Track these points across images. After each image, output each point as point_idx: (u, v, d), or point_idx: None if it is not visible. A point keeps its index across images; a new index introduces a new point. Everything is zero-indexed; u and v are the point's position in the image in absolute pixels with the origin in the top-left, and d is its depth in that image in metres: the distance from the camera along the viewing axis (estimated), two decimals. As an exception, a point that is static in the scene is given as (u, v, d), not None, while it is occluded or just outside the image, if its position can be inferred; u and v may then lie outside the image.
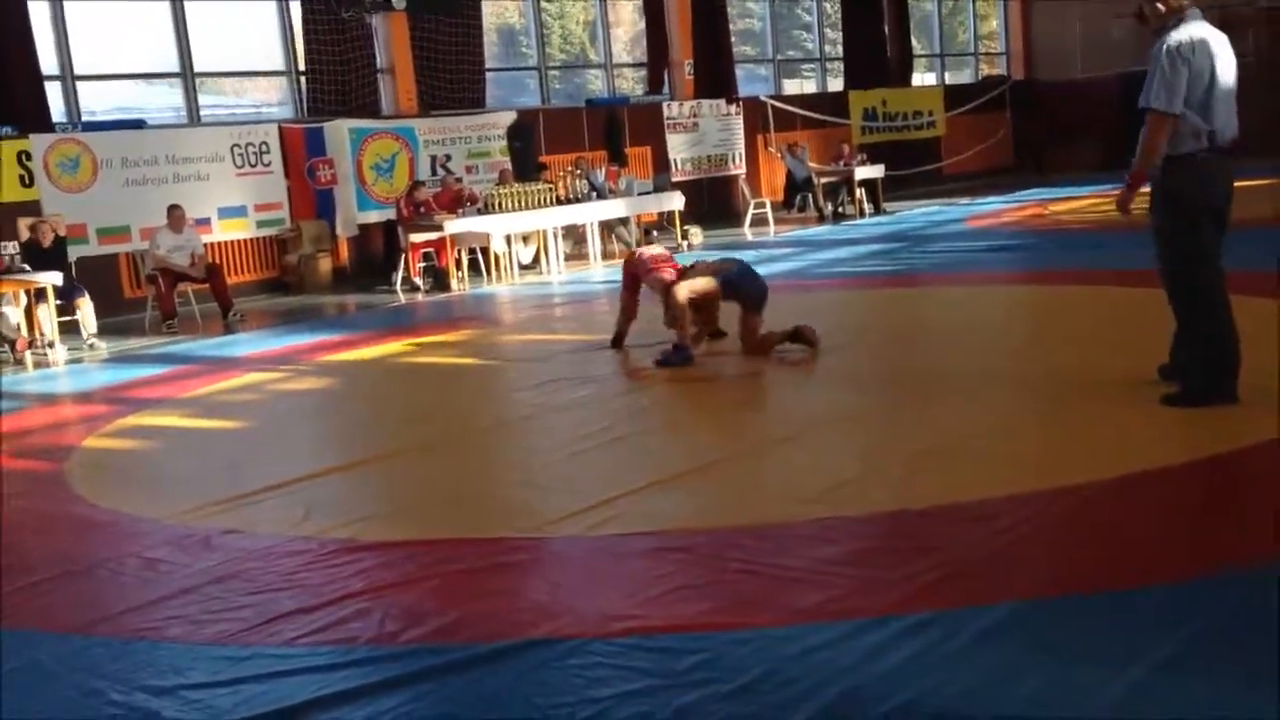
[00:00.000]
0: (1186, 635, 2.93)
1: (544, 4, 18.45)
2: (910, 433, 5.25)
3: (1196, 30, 5.03)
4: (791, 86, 22.26)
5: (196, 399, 7.69)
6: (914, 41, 23.71)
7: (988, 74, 26.23)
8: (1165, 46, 4.99)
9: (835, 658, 2.99)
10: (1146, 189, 5.22)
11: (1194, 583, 3.27)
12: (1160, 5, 5.08)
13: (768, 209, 17.70)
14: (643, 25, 19.02)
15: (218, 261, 12.58)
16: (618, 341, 7.99)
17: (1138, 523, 3.85)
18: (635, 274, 7.84)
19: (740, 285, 7.21)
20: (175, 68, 13.94)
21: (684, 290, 7.13)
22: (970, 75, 26.12)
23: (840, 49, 22.33)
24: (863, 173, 18.21)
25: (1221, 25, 17.66)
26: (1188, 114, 4.98)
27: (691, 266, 7.55)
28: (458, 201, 13.66)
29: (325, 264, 14.28)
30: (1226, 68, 5.09)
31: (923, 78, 24.41)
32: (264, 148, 14.08)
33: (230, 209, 13.77)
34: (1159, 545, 3.63)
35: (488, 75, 16.66)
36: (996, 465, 4.60)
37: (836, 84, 22.35)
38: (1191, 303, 5.17)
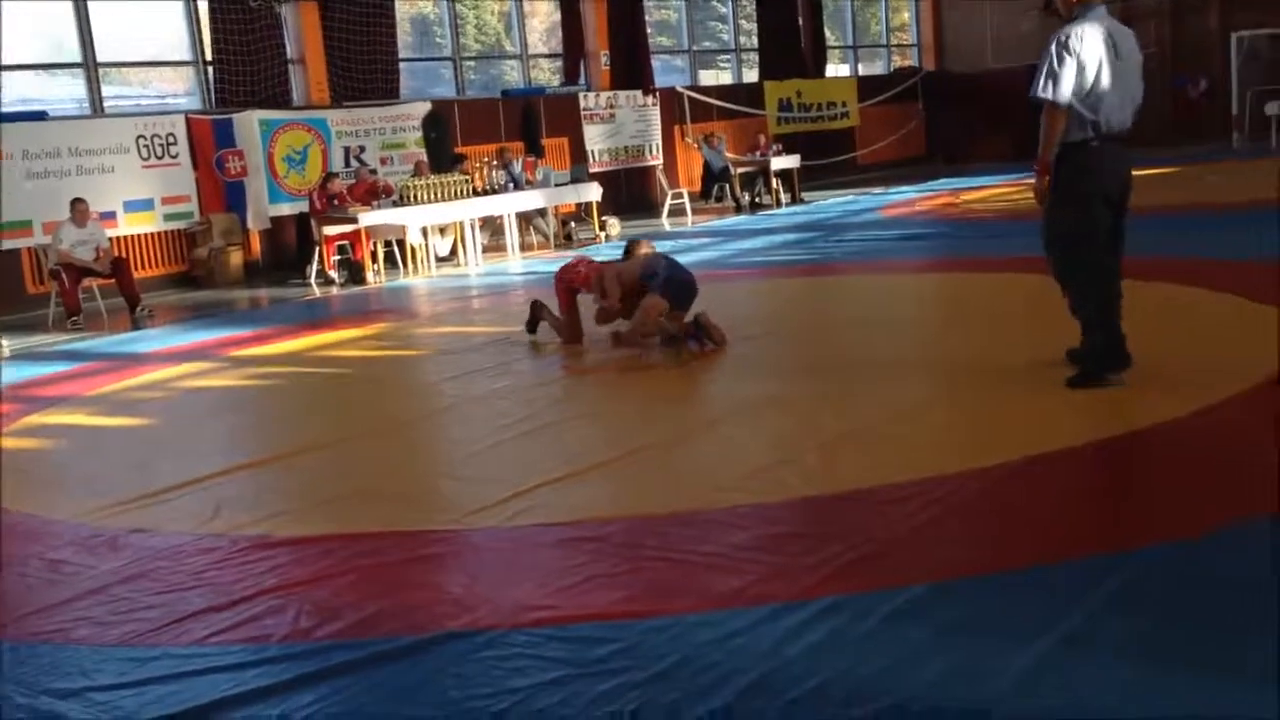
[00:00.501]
0: (1087, 612, 3.00)
1: (458, -7, 18.28)
2: (825, 419, 5.31)
3: (1093, 24, 5.18)
4: (708, 77, 22.36)
5: (103, 396, 7.51)
6: (827, 33, 23.95)
7: (900, 65, 26.61)
8: (1055, 39, 5.18)
9: (750, 643, 3.02)
10: None
11: (1093, 559, 3.35)
12: (1062, 7, 5.28)
13: (685, 199, 17.77)
14: (558, 16, 18.96)
15: (124, 256, 12.28)
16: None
17: (1042, 503, 3.94)
18: (572, 286, 7.75)
19: (670, 289, 7.20)
20: (78, 58, 13.57)
21: (654, 310, 7.16)
22: (883, 66, 26.47)
23: (755, 40, 22.48)
24: (779, 163, 18.36)
25: (1125, 18, 18.20)
26: (1075, 104, 5.14)
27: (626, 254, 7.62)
28: (372, 193, 13.50)
29: (236, 257, 14.04)
30: (1122, 61, 5.23)
31: (836, 69, 24.68)
32: (171, 139, 13.78)
33: (136, 202, 13.46)
34: (1062, 525, 3.72)
35: (401, 66, 16.48)
36: (908, 449, 4.68)
37: (752, 75, 22.50)
38: (1080, 286, 5.34)
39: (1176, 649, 2.79)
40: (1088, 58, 5.15)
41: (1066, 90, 5.13)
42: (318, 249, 13.05)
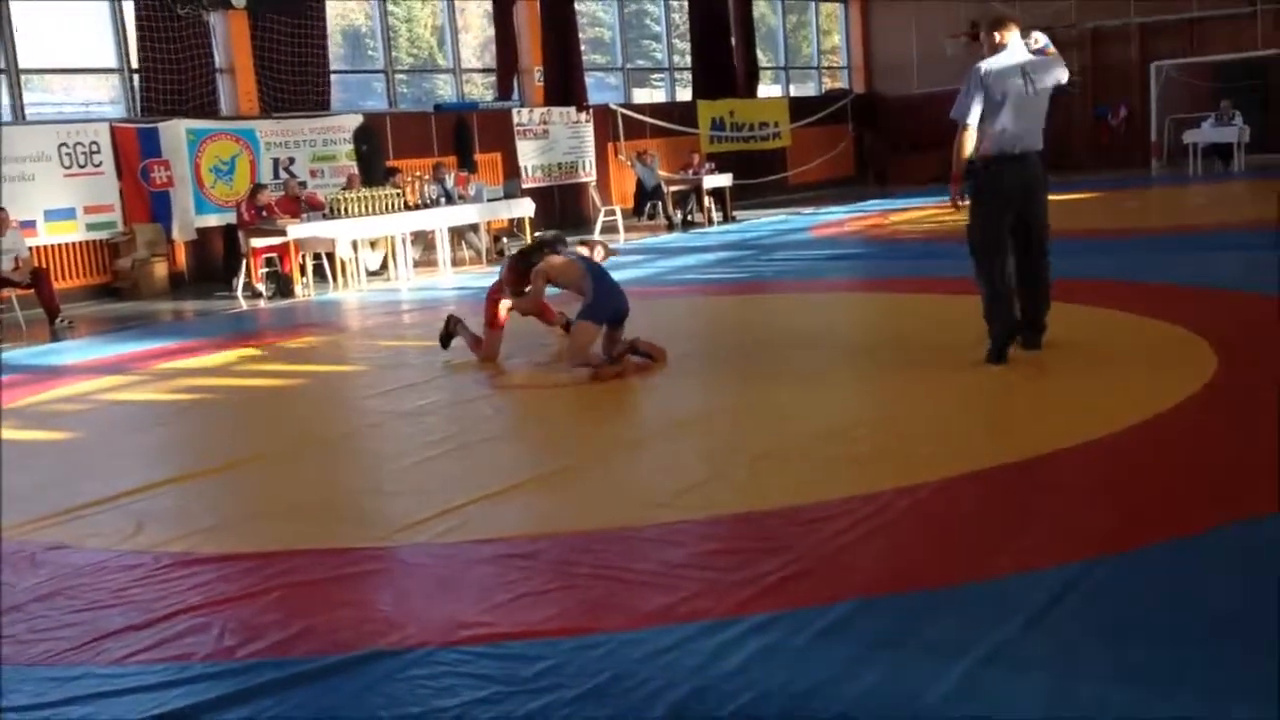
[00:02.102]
0: (1012, 627, 3.05)
1: (391, 7, 18.20)
2: (756, 435, 5.34)
3: (1006, 59, 6.07)
4: (641, 95, 22.47)
5: (20, 410, 7.33)
6: (760, 54, 24.20)
7: (830, 87, 26.95)
8: (973, 70, 6.09)
9: (682, 659, 3.02)
10: None
11: (1018, 576, 3.41)
12: (990, 43, 6.18)
13: (618, 216, 17.81)
14: (492, 31, 18.94)
15: (44, 266, 12.02)
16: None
17: (967, 521, 4.00)
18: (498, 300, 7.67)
19: (594, 313, 7.02)
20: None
21: (584, 338, 7.01)
22: (814, 88, 26.79)
23: (689, 59, 22.64)
24: (711, 181, 18.47)
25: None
26: (982, 126, 6.03)
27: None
28: (301, 206, 13.35)
29: (160, 269, 13.80)
30: (1030, 90, 6.06)
31: (769, 89, 24.93)
32: (94, 148, 13.53)
33: (58, 211, 13.19)
34: (987, 542, 3.77)
35: (333, 77, 16.35)
36: (837, 466, 4.73)
37: (685, 94, 22.65)
38: (983, 280, 6.21)
39: (1099, 662, 2.84)
40: (997, 88, 6.00)
41: (974, 114, 6.03)
42: (245, 261, 12.86)
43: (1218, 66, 22.46)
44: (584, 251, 7.59)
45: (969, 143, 6.09)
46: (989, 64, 6.06)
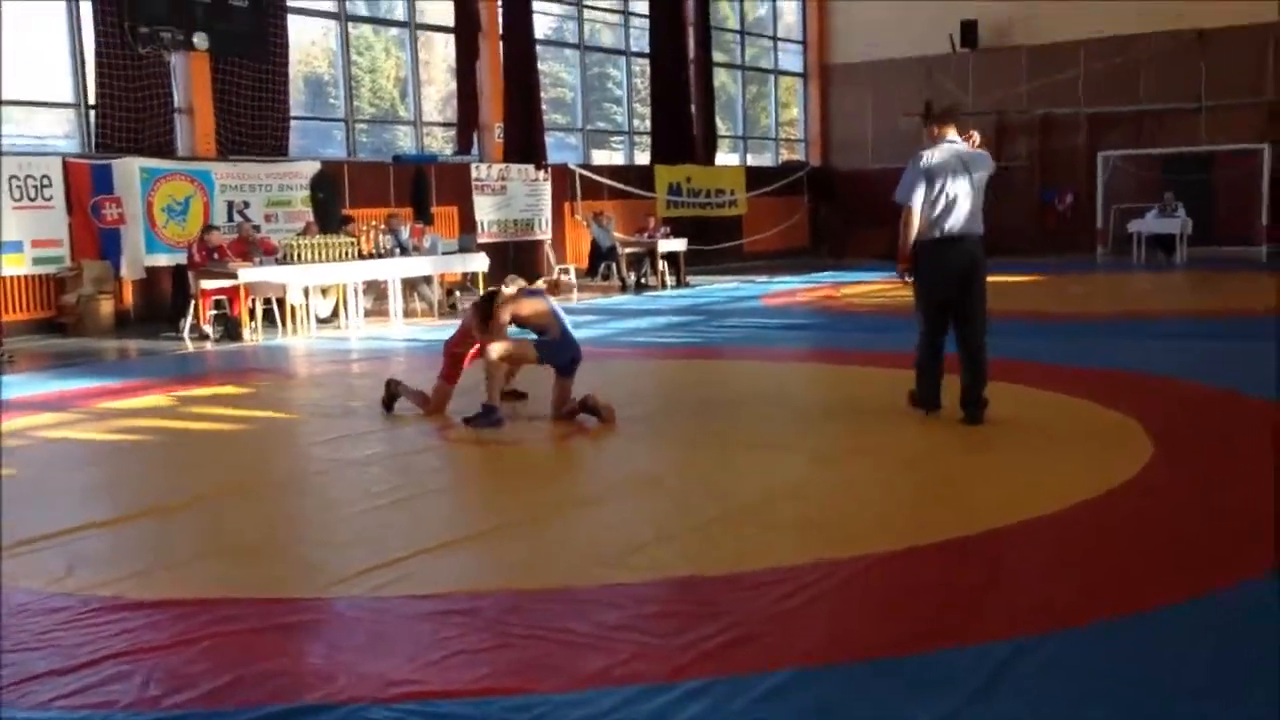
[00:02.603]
0: (954, 700, 3.05)
1: (355, 57, 18.28)
2: (702, 499, 5.34)
3: (942, 151, 6.65)
4: (600, 157, 22.67)
5: (-48, 443, 7.16)
6: (719, 122, 24.53)
7: (787, 159, 27.36)
8: (913, 158, 6.70)
9: (618, 723, 2.99)
10: None
11: (959, 649, 3.42)
12: (930, 134, 6.87)
13: (572, 275, 17.86)
14: (454, 86, 19.06)
15: (-13, 298, 11.82)
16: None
17: (909, 592, 4.01)
18: (456, 351, 7.66)
19: (555, 352, 7.19)
20: (-48, 91, 13.14)
21: (497, 350, 7.09)
22: (771, 158, 27.18)
23: (648, 124, 22.89)
24: (666, 245, 18.62)
25: (999, 132, 19.04)
26: (923, 209, 6.59)
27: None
28: (252, 249, 13.27)
29: (107, 306, 13.62)
30: (967, 180, 6.60)
31: (726, 158, 25.26)
32: (45, 181, 13.39)
33: (5, 244, 12.99)
34: (928, 614, 3.78)
35: (292, 123, 16.34)
36: (788, 532, 4.73)
37: (644, 157, 22.88)
38: (921, 345, 6.86)
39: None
40: (935, 176, 6.56)
41: (915, 198, 6.60)
42: (194, 303, 12.73)
43: (1163, 158, 23.10)
44: (509, 290, 7.50)
45: (914, 224, 6.63)
46: (929, 154, 6.65)
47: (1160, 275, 18.70)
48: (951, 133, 6.80)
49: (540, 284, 7.75)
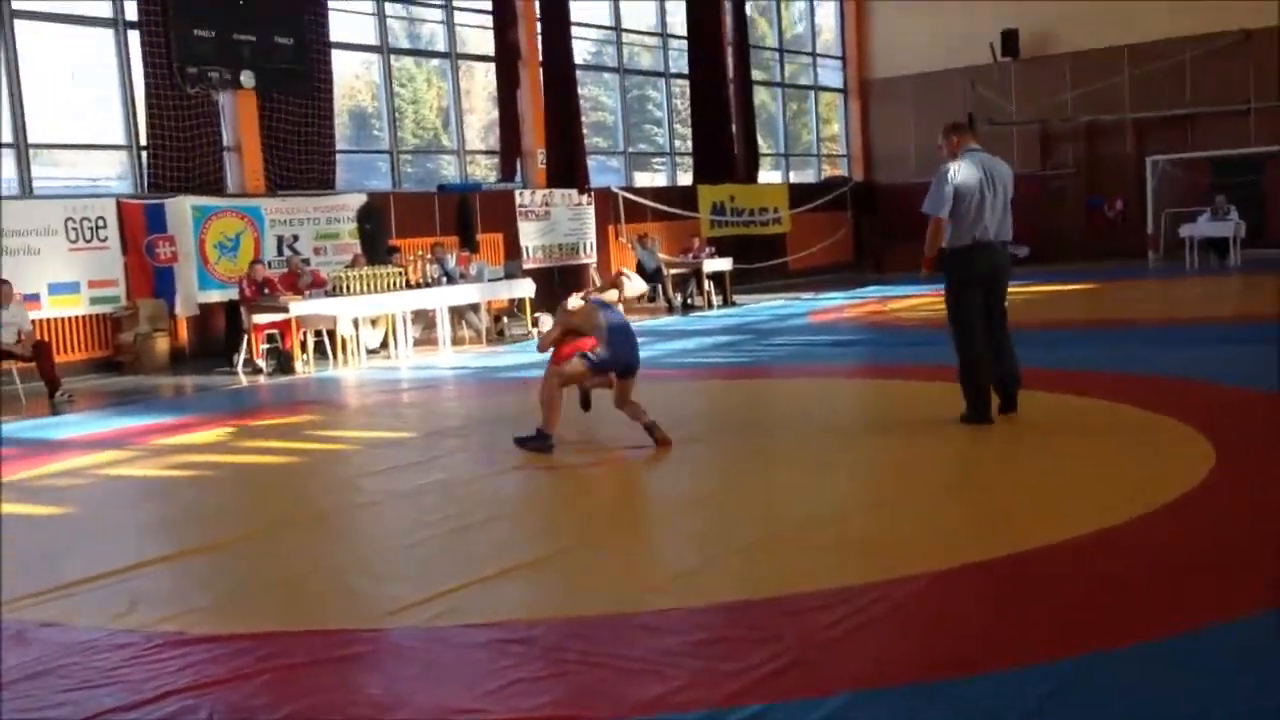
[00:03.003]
0: (1008, 723, 3.03)
1: (397, 88, 18.51)
2: (752, 522, 5.34)
3: (968, 164, 7.06)
4: (643, 179, 22.76)
5: (16, 483, 7.31)
6: (760, 140, 24.55)
7: (830, 174, 27.31)
8: (940, 171, 7.09)
9: (673, 751, 3.00)
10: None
11: (1014, 671, 3.39)
12: (947, 149, 7.21)
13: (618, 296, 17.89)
14: (496, 114, 19.24)
15: (46, 340, 12.07)
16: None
17: (964, 614, 3.98)
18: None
19: (601, 364, 7.19)
20: (8, 138, 13.46)
21: (555, 377, 7.20)
22: (813, 175, 27.14)
23: (690, 144, 22.96)
24: (711, 265, 18.64)
25: (1043, 140, 19.00)
26: (954, 219, 6.99)
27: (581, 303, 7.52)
28: (301, 283, 13.46)
29: (162, 343, 13.86)
30: (994, 189, 7.04)
31: (769, 175, 25.26)
32: (100, 222, 13.67)
33: (62, 285, 13.29)
34: (983, 636, 3.76)
35: (338, 157, 16.58)
36: (835, 554, 4.71)
37: (686, 178, 22.94)
38: (958, 348, 7.16)
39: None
40: (962, 187, 6.96)
41: (943, 208, 6.99)
42: (246, 337, 12.93)
43: (1213, 161, 22.80)
44: (609, 296, 7.67)
45: (943, 232, 7.06)
46: (956, 167, 7.04)
47: (1215, 279, 18.43)
48: (973, 141, 7.23)
49: (606, 295, 7.74)
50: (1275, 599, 3.88)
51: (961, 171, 7.00)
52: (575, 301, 7.60)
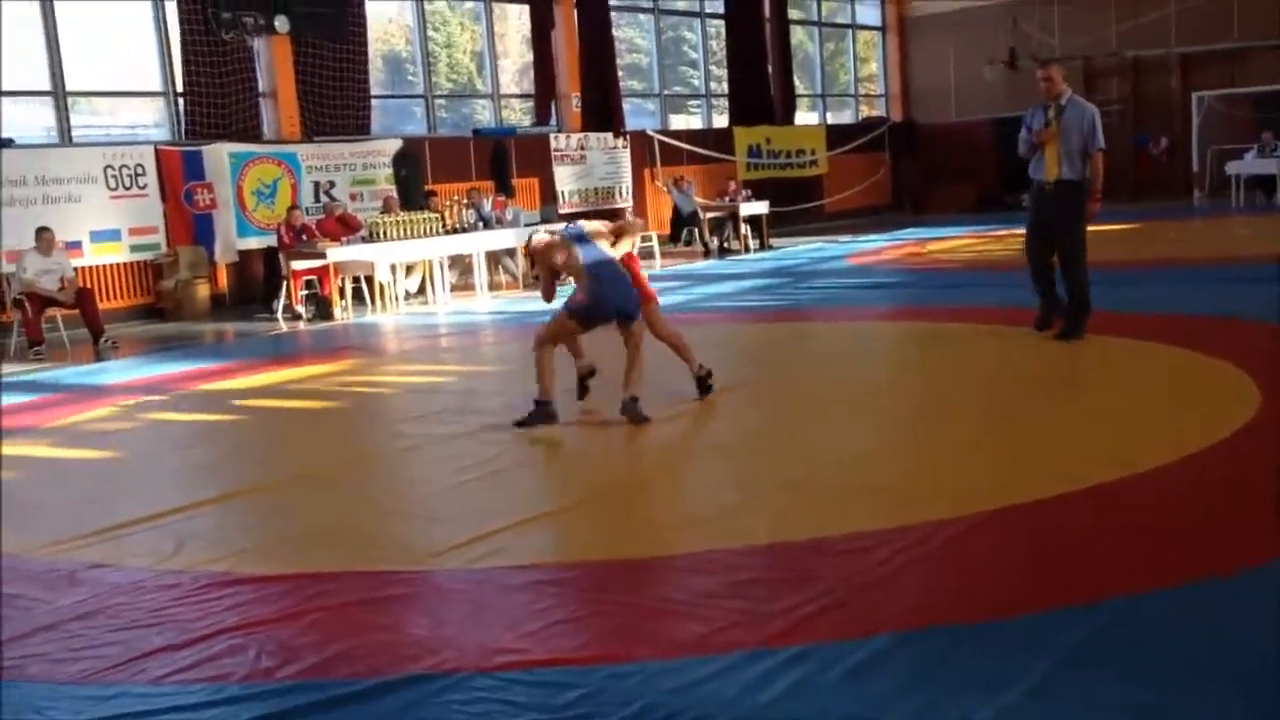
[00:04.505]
0: (1050, 665, 3.02)
1: (431, 33, 18.39)
2: (791, 463, 5.33)
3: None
4: (678, 122, 22.56)
5: (63, 428, 7.43)
6: (796, 81, 24.24)
7: (868, 115, 26.94)
8: (1095, 110, 7.70)
9: (716, 691, 3.02)
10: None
11: (1058, 612, 3.37)
12: (1056, 84, 7.77)
13: (654, 242, 17.85)
14: (530, 57, 19.09)
15: (88, 286, 12.19)
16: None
17: (1006, 555, 3.97)
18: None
19: (589, 315, 6.32)
20: (46, 85, 13.52)
21: (540, 335, 6.47)
22: (851, 115, 26.79)
23: (725, 86, 22.71)
24: (747, 208, 18.50)
25: (1087, 76, 18.70)
26: (1085, 157, 7.63)
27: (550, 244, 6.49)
28: (343, 228, 13.49)
29: (203, 290, 13.97)
30: None
31: (805, 117, 24.96)
32: (139, 170, 13.73)
33: (103, 232, 13.39)
34: (1026, 577, 3.74)
35: (373, 102, 16.52)
36: (873, 497, 4.70)
37: (722, 120, 22.71)
38: (1084, 274, 7.68)
39: (1138, 704, 2.81)
40: None
41: None
42: (285, 284, 13.00)
43: (1260, 97, 22.28)
44: (592, 228, 6.58)
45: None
46: (1089, 103, 7.83)
47: (1262, 217, 18.09)
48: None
49: (593, 225, 6.56)
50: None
51: None
52: (541, 236, 6.59)
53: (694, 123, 23.01)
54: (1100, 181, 7.71)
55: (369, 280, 13.15)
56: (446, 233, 13.77)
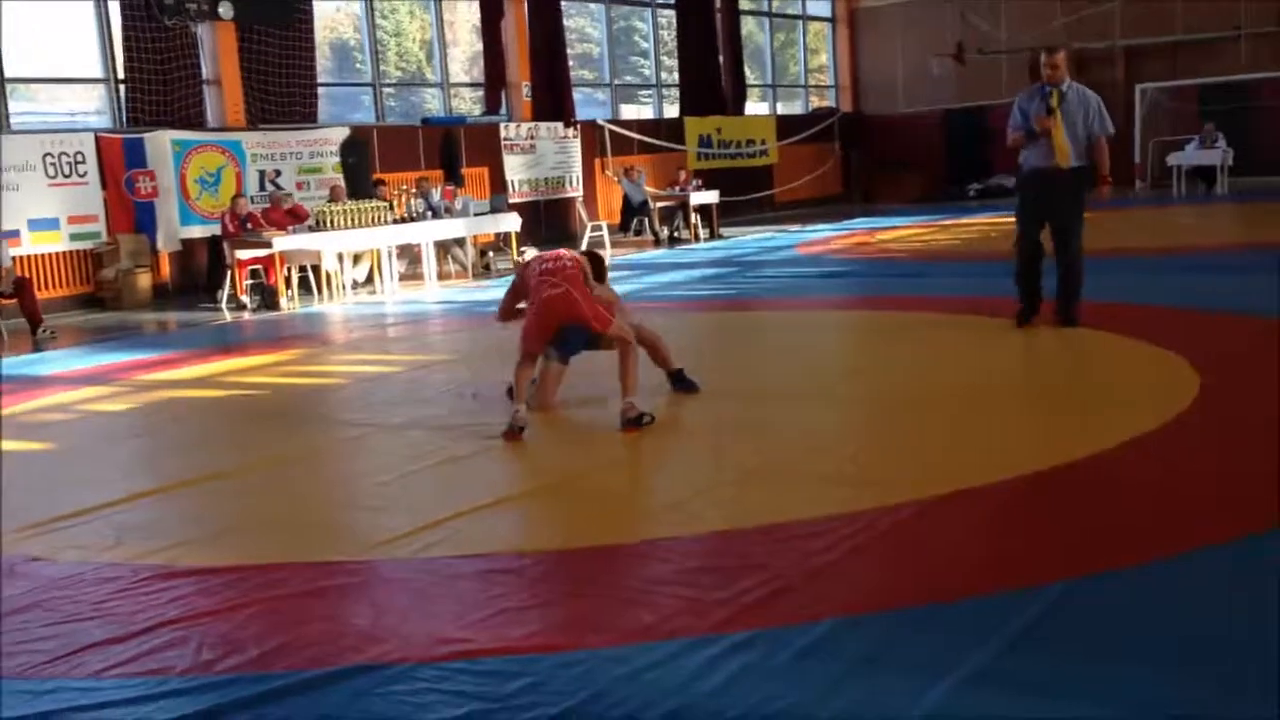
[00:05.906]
0: (995, 648, 3.04)
1: (379, 20, 18.21)
2: (741, 452, 5.33)
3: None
4: (629, 111, 22.51)
5: None
6: (747, 72, 24.28)
7: (817, 106, 27.05)
8: (1098, 98, 7.98)
9: (662, 678, 3.01)
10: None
11: (1001, 596, 3.40)
12: (1062, 71, 7.95)
13: (604, 231, 17.83)
14: (480, 46, 18.96)
15: (26, 276, 11.96)
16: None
17: (951, 540, 4.00)
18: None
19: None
20: (-17, 71, 13.23)
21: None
22: (801, 106, 26.89)
23: (676, 76, 22.69)
24: (698, 198, 18.52)
25: (1032, 69, 18.79)
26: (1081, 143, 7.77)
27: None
28: (290, 218, 13.33)
29: (144, 279, 13.75)
30: None
31: (756, 107, 25.01)
32: (79, 158, 13.48)
33: (42, 221, 13.14)
34: (970, 561, 3.77)
35: (321, 90, 16.34)
36: (825, 484, 4.71)
37: (673, 110, 22.71)
38: (1079, 258, 7.72)
39: (1084, 684, 2.84)
40: None
41: None
42: (230, 273, 12.83)
43: (1202, 89, 22.63)
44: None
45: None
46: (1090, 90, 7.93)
47: (1202, 207, 18.39)
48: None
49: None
50: (1262, 523, 3.90)
51: None
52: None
53: (645, 112, 22.97)
54: (1107, 165, 7.94)
55: (315, 269, 13.01)
56: (395, 222, 13.65)
